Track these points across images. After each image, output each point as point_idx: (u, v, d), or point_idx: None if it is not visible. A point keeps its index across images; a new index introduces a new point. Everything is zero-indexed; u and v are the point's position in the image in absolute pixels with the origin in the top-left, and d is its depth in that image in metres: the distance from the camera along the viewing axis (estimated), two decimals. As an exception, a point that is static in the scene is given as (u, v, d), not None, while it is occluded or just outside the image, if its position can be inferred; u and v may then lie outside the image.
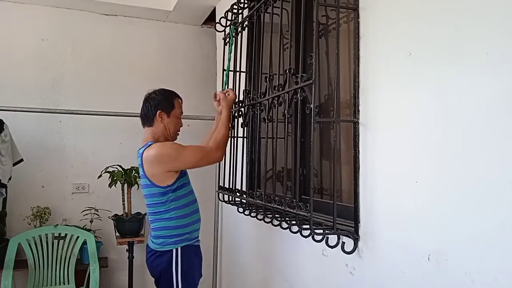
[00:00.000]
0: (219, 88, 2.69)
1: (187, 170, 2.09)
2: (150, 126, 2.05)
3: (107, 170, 3.02)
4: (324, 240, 1.59)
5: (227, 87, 2.30)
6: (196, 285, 2.07)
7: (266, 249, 2.36)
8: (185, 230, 2.00)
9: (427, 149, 1.24)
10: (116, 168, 3.01)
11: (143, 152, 1.96)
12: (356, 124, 1.54)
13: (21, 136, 3.19)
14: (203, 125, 3.24)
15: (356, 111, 1.54)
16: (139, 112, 2.10)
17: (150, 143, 1.98)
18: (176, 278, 1.96)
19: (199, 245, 2.09)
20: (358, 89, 1.53)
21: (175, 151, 1.93)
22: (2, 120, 2.85)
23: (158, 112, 2.03)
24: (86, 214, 3.23)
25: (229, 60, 2.41)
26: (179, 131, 2.15)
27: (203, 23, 3.81)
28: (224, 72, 2.42)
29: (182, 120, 2.17)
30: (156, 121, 2.04)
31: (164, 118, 2.04)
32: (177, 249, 1.97)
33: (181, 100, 2.16)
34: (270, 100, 1.89)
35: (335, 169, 1.59)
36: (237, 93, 2.33)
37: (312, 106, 1.54)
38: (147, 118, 2.06)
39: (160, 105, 2.04)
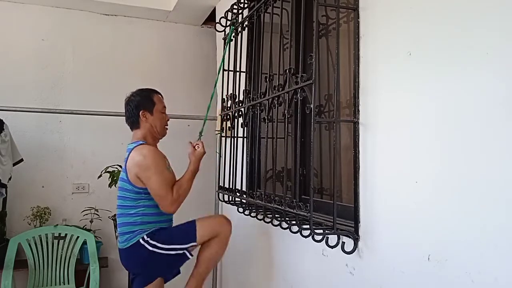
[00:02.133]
0: (218, 88, 2.68)
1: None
2: (138, 128, 2.07)
3: (107, 170, 3.02)
4: (324, 240, 1.59)
5: (200, 139, 2.24)
6: (186, 243, 2.00)
7: (266, 249, 2.36)
8: (150, 227, 1.97)
9: (427, 149, 1.24)
10: (116, 168, 3.01)
11: (133, 148, 1.99)
12: (356, 124, 1.54)
13: (21, 136, 3.19)
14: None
15: (356, 111, 1.54)
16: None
17: (141, 142, 2.02)
18: (162, 250, 1.94)
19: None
20: (358, 89, 1.53)
21: (152, 168, 1.93)
22: (2, 120, 2.85)
23: (141, 113, 2.04)
24: (86, 214, 3.23)
25: (223, 60, 2.41)
26: (167, 125, 2.14)
27: (203, 23, 3.81)
28: (217, 72, 2.42)
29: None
30: (141, 121, 2.05)
31: (148, 116, 2.05)
32: (143, 237, 1.95)
33: (161, 95, 2.15)
34: (270, 100, 1.89)
35: (335, 169, 1.59)
36: (237, 93, 2.33)
37: (312, 106, 1.54)
38: (132, 121, 2.08)
39: (141, 105, 2.05)
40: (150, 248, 1.94)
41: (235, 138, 2.40)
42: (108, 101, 3.39)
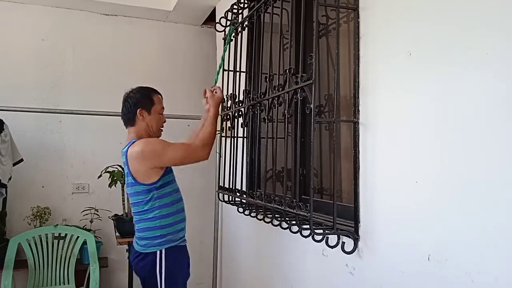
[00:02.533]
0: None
1: (173, 169, 2.07)
2: (133, 125, 2.03)
3: (107, 170, 3.02)
4: (324, 240, 1.59)
5: (217, 85, 2.26)
6: (183, 286, 2.04)
7: (266, 249, 2.36)
8: (168, 230, 1.97)
9: (427, 149, 1.24)
10: (116, 168, 3.01)
11: (127, 150, 1.95)
12: (356, 124, 1.54)
13: (21, 136, 3.19)
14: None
15: (356, 111, 1.54)
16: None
17: (134, 140, 1.97)
18: (160, 281, 1.94)
19: (185, 245, 2.06)
20: (358, 89, 1.53)
21: (160, 147, 1.91)
22: (2, 120, 2.85)
23: (138, 111, 2.00)
24: (86, 214, 3.23)
25: (223, 59, 2.41)
26: (162, 127, 2.12)
27: (203, 23, 3.81)
28: (216, 70, 2.41)
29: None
30: (138, 120, 2.01)
31: (145, 115, 2.02)
32: (161, 251, 1.94)
33: (161, 95, 2.12)
34: (270, 100, 1.89)
35: (335, 169, 1.59)
36: (237, 93, 2.33)
37: (312, 106, 1.54)
38: (128, 118, 2.04)
39: (139, 103, 2.02)
40: (158, 262, 1.94)
41: (235, 138, 2.40)
42: (108, 101, 3.38)
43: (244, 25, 2.39)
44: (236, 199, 2.39)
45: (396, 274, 1.35)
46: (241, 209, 2.31)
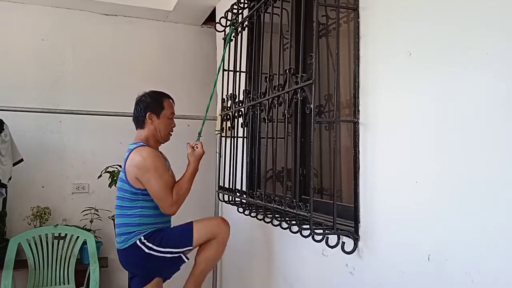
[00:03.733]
0: (218, 88, 2.68)
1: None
2: (142, 128, 2.08)
3: (107, 170, 3.02)
4: (324, 240, 1.59)
5: (199, 141, 2.23)
6: (181, 246, 2.01)
7: (266, 249, 2.36)
8: (146, 228, 1.98)
9: (427, 149, 1.24)
10: (116, 168, 3.01)
11: (133, 149, 2.00)
12: (356, 124, 1.54)
13: (21, 136, 3.19)
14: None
15: (356, 111, 1.54)
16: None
17: (142, 143, 2.02)
18: (158, 252, 1.94)
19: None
20: (358, 89, 1.53)
21: (151, 171, 1.93)
22: (2, 120, 2.85)
23: (148, 114, 2.06)
24: (86, 214, 3.23)
25: (223, 59, 2.41)
26: (171, 131, 2.15)
27: (203, 23, 3.81)
28: (216, 72, 2.42)
29: (176, 120, 2.16)
30: (147, 123, 2.06)
31: (154, 120, 2.06)
32: (140, 239, 1.96)
33: (172, 100, 2.15)
34: (270, 100, 1.89)
35: (335, 169, 1.59)
36: (237, 93, 2.33)
37: (312, 106, 1.54)
38: (138, 121, 2.09)
39: (149, 107, 2.06)
40: (147, 250, 1.95)
41: (235, 138, 2.40)
42: (108, 101, 3.40)
43: (244, 25, 2.39)
44: (236, 199, 2.39)
45: (396, 274, 1.35)
46: (241, 209, 2.31)
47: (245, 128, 2.37)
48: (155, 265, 1.98)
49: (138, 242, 1.96)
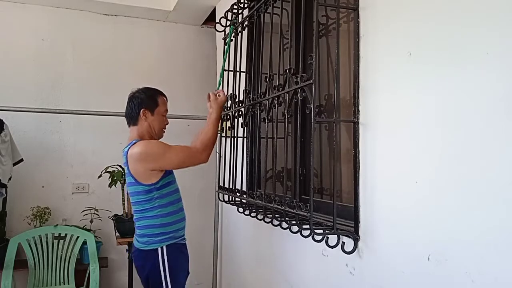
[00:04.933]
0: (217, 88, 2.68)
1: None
2: (135, 125, 2.05)
3: (107, 170, 3.02)
4: (324, 240, 1.59)
5: (221, 88, 2.27)
6: (183, 283, 2.06)
7: (266, 249, 2.36)
8: (170, 229, 1.99)
9: (427, 149, 1.24)
10: (116, 168, 3.01)
11: (128, 150, 1.97)
12: (356, 124, 1.54)
13: (21, 136, 3.20)
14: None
15: (356, 111, 1.54)
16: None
17: (135, 141, 1.98)
18: (164, 277, 1.95)
19: (185, 243, 2.08)
20: (358, 89, 1.53)
21: (160, 149, 1.92)
22: (2, 120, 2.85)
23: (141, 111, 2.02)
24: (86, 214, 3.23)
25: (224, 60, 2.41)
26: (164, 128, 2.13)
27: (203, 23, 3.81)
28: (219, 72, 2.42)
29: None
30: (141, 119, 2.03)
31: (148, 116, 2.03)
32: (162, 248, 1.96)
33: (166, 97, 2.14)
34: (270, 100, 1.89)
35: (335, 169, 1.59)
36: (237, 93, 2.33)
37: (312, 106, 1.54)
38: (131, 117, 2.05)
39: (144, 103, 2.03)
40: (160, 258, 1.96)
41: (235, 138, 2.40)
42: (108, 101, 3.40)
43: (244, 25, 2.39)
44: (236, 199, 2.39)
45: (396, 274, 1.35)
46: (241, 209, 2.31)
47: (245, 128, 2.37)
48: (156, 277, 1.98)
49: (159, 249, 1.96)
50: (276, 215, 1.89)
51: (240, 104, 2.28)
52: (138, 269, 2.10)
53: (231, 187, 2.35)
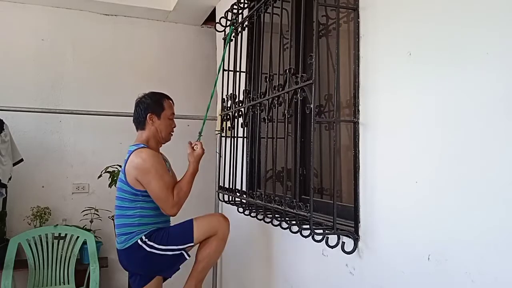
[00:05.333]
0: (218, 88, 2.68)
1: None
2: (143, 129, 2.09)
3: (107, 170, 3.02)
4: (324, 240, 1.59)
5: (200, 136, 2.26)
6: (181, 246, 2.02)
7: (266, 249, 2.36)
8: (148, 228, 1.99)
9: (427, 149, 1.24)
10: (116, 168, 3.01)
11: (133, 150, 2.01)
12: (356, 124, 1.54)
13: (21, 136, 3.20)
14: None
15: (356, 111, 1.54)
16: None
17: (142, 145, 2.03)
18: (160, 251, 1.96)
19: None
20: (358, 89, 1.53)
21: (151, 172, 1.94)
22: (2, 120, 2.85)
23: (148, 115, 2.07)
24: (86, 214, 3.23)
25: (223, 59, 2.42)
26: (172, 131, 2.16)
27: (203, 23, 3.81)
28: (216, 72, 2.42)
29: (175, 120, 2.18)
30: (148, 124, 2.08)
31: (155, 120, 2.08)
32: (141, 238, 1.97)
33: (172, 101, 2.17)
34: (270, 100, 1.89)
35: (335, 169, 1.59)
36: (237, 93, 2.33)
37: (312, 106, 1.54)
38: (139, 122, 2.10)
39: (150, 108, 2.07)
40: (148, 249, 1.96)
41: (235, 138, 2.40)
42: (108, 101, 3.40)
43: (244, 25, 2.39)
44: (236, 199, 2.39)
45: (396, 274, 1.35)
46: (241, 209, 2.31)
47: (245, 128, 2.37)
48: (156, 263, 1.99)
49: (139, 241, 1.96)
50: (276, 215, 1.89)
51: (240, 104, 2.28)
52: (127, 270, 2.12)
53: (231, 187, 2.35)
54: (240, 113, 2.29)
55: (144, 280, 2.04)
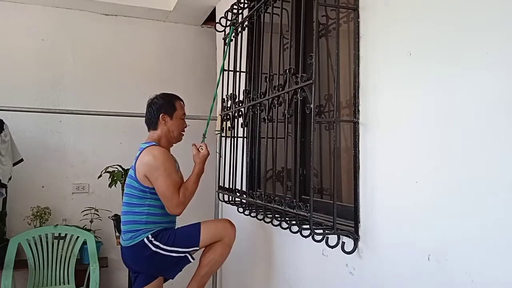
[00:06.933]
0: (218, 88, 2.68)
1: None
2: (155, 129, 2.12)
3: (107, 170, 3.02)
4: (324, 240, 1.59)
5: (205, 138, 2.30)
6: (187, 249, 2.02)
7: (266, 249, 2.36)
8: (155, 226, 2.00)
9: (427, 149, 1.24)
10: (116, 168, 3.01)
11: (145, 148, 2.03)
12: (356, 124, 1.54)
13: (21, 136, 3.19)
14: (203, 125, 3.25)
15: (356, 111, 1.53)
16: (139, 112, 2.15)
17: (153, 143, 2.06)
18: (165, 251, 1.96)
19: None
20: (358, 89, 1.53)
21: (159, 170, 1.96)
22: (2, 120, 2.85)
23: (161, 116, 2.10)
24: (86, 214, 3.23)
25: (224, 59, 2.42)
26: (183, 131, 2.19)
27: (203, 23, 3.81)
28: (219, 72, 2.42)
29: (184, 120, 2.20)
30: (160, 124, 2.11)
31: (167, 120, 2.11)
32: (148, 237, 1.98)
33: (183, 102, 2.20)
34: (270, 100, 1.89)
35: (335, 169, 1.59)
36: (237, 93, 2.33)
37: (312, 106, 1.54)
38: (151, 122, 2.13)
39: (162, 108, 2.11)
40: (153, 248, 1.96)
41: (235, 138, 2.40)
42: (108, 101, 3.40)
43: (244, 25, 2.39)
44: (236, 199, 2.39)
45: (396, 274, 1.35)
46: (241, 209, 2.31)
47: (245, 128, 2.37)
48: (160, 263, 1.99)
49: (145, 240, 1.97)
50: (276, 215, 1.89)
51: (240, 104, 2.28)
52: (130, 268, 2.12)
53: (231, 187, 2.35)
54: (240, 113, 2.29)
55: (146, 280, 2.04)
